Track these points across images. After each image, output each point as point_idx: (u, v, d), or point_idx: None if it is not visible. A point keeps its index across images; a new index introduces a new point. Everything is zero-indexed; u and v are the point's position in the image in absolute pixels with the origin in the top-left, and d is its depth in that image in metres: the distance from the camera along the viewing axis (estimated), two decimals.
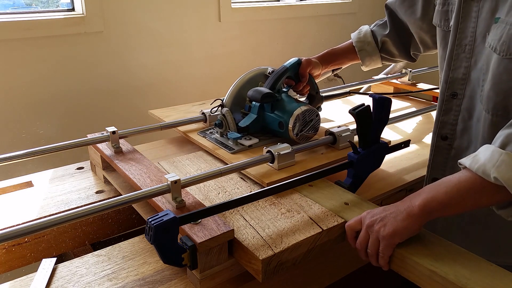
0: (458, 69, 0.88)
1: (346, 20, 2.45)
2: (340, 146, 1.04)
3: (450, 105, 0.91)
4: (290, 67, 1.11)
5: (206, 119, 1.19)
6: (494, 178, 0.65)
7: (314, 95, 1.18)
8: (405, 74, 1.70)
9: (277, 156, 0.93)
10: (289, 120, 1.02)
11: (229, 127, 1.08)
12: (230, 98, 1.13)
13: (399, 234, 0.71)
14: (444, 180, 0.72)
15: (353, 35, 1.24)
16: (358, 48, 1.22)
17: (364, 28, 1.24)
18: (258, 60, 2.14)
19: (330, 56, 1.23)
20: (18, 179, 1.08)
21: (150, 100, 1.86)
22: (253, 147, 1.05)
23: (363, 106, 0.87)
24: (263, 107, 1.08)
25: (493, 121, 0.81)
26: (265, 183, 0.89)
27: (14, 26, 1.50)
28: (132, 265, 0.78)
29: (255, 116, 1.08)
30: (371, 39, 1.21)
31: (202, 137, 1.13)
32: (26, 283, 0.74)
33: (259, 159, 0.93)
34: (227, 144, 1.06)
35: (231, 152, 1.03)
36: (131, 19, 1.74)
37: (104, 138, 1.04)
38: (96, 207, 0.72)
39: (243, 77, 1.15)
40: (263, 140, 1.08)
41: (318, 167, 0.96)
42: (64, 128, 1.68)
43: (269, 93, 1.04)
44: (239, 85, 1.14)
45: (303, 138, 1.05)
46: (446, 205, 0.70)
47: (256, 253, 0.69)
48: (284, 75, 1.10)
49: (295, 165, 0.96)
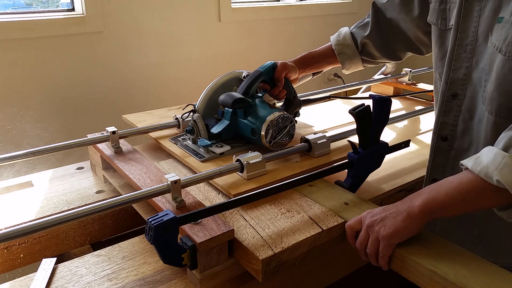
0: (459, 69, 0.87)
1: (346, 20, 2.43)
2: (315, 154, 1.00)
3: (451, 106, 0.90)
4: (264, 71, 1.06)
5: (179, 125, 1.13)
6: (497, 181, 0.65)
7: (292, 99, 1.14)
8: (405, 74, 1.70)
9: (246, 165, 0.89)
10: (261, 127, 0.97)
11: (200, 134, 1.02)
12: (203, 103, 1.07)
13: (399, 234, 0.71)
14: (445, 181, 0.72)
15: (332, 37, 1.20)
16: (337, 51, 1.17)
17: (344, 30, 1.20)
18: (258, 60, 2.13)
19: (308, 60, 1.18)
20: (18, 179, 1.08)
21: (150, 100, 1.87)
22: (225, 155, 1.00)
23: (363, 106, 0.87)
24: (236, 113, 1.03)
25: (497, 122, 0.80)
26: (232, 194, 0.85)
27: (14, 26, 1.50)
28: (132, 265, 0.78)
29: (227, 122, 1.03)
30: (350, 41, 1.17)
31: (174, 143, 1.07)
32: (26, 283, 0.74)
33: (227, 169, 0.88)
34: (198, 152, 1.01)
35: (201, 160, 0.98)
36: (131, 19, 1.75)
37: (104, 138, 1.04)
38: (96, 207, 0.72)
39: (217, 81, 1.10)
40: (236, 148, 1.03)
41: (290, 176, 0.91)
42: (64, 128, 1.68)
43: (240, 98, 0.99)
44: (212, 89, 1.09)
45: (277, 146, 1.00)
46: (447, 206, 0.70)
47: (256, 253, 0.69)
48: (258, 79, 1.06)
49: (266, 174, 0.92)
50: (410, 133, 1.35)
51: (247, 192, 0.81)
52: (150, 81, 1.86)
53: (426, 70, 1.76)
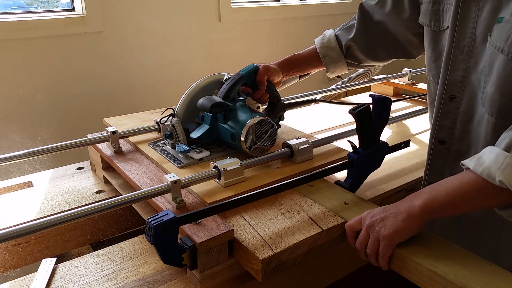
0: (456, 71, 0.86)
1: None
2: (297, 160, 0.96)
3: (448, 108, 0.89)
4: (245, 74, 1.02)
5: (160, 129, 1.09)
6: (500, 181, 0.65)
7: (275, 103, 1.09)
8: (405, 74, 1.70)
9: (223, 172, 0.85)
10: (241, 132, 0.93)
11: (179, 139, 0.98)
12: (182, 107, 1.03)
13: (399, 234, 0.70)
14: (446, 181, 0.72)
15: (316, 40, 1.17)
16: (322, 54, 1.14)
17: (328, 32, 1.17)
18: (258, 60, 2.13)
19: (291, 63, 1.14)
20: (18, 179, 1.08)
21: (150, 100, 1.87)
22: (204, 161, 0.96)
23: (363, 106, 0.87)
24: (216, 117, 0.99)
25: (498, 123, 0.79)
26: (207, 202, 0.81)
27: (14, 26, 1.50)
28: (132, 265, 0.78)
29: (207, 126, 0.99)
30: (335, 44, 1.14)
31: (152, 148, 1.03)
32: (26, 283, 0.74)
33: (204, 176, 0.84)
34: (177, 157, 0.97)
35: (178, 166, 0.94)
36: (131, 19, 1.75)
37: (104, 138, 1.04)
38: (96, 207, 0.72)
39: (197, 84, 1.05)
40: (216, 153, 1.00)
41: (270, 183, 0.87)
42: (64, 128, 1.68)
43: (219, 102, 0.95)
44: (192, 93, 1.04)
45: (258, 151, 0.96)
46: (447, 206, 0.70)
47: (256, 253, 0.69)
48: (239, 83, 1.02)
49: (245, 181, 0.88)
50: (410, 133, 1.35)
51: (223, 200, 0.79)
52: (150, 81, 1.86)
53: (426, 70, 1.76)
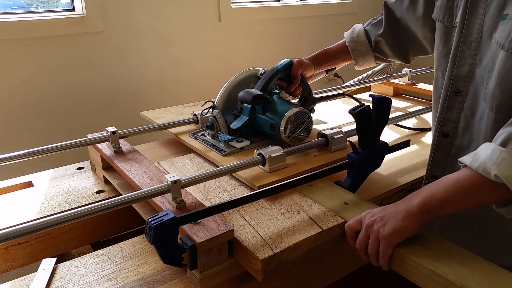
0: (462, 66, 0.87)
1: (346, 20, 2.45)
2: (332, 149, 1.02)
3: (453, 102, 0.90)
4: (281, 69, 1.09)
5: (198, 121, 1.18)
6: (495, 175, 0.65)
7: (307, 96, 1.17)
8: (405, 74, 1.70)
9: (268, 159, 0.91)
10: (280, 122, 1.00)
11: (220, 129, 1.06)
12: (221, 100, 1.11)
13: (399, 234, 0.71)
14: (444, 179, 0.72)
15: (346, 34, 1.22)
16: (351, 48, 1.19)
17: (358, 27, 1.21)
18: (258, 60, 2.14)
19: (323, 57, 1.20)
20: (18, 179, 1.08)
21: (150, 100, 1.87)
22: (245, 149, 1.03)
23: (363, 106, 0.87)
24: (255, 109, 1.06)
25: (497, 119, 0.80)
26: (256, 186, 0.88)
27: (14, 26, 1.50)
28: (132, 265, 0.78)
29: (246, 118, 1.06)
30: (364, 38, 1.18)
31: (194, 139, 1.11)
32: (26, 283, 0.74)
33: (250, 162, 0.91)
34: (219, 146, 1.04)
35: (222, 154, 1.01)
36: (131, 19, 1.75)
37: (104, 138, 1.04)
38: (96, 207, 0.72)
39: (235, 78, 1.14)
40: (254, 142, 1.06)
41: (309, 169, 0.93)
42: (64, 128, 1.68)
43: (260, 94, 1.03)
44: (230, 86, 1.12)
45: (295, 141, 1.04)
46: (446, 204, 0.70)
47: (256, 253, 0.69)
48: (275, 77, 1.08)
49: (287, 168, 0.94)
50: (410, 133, 1.35)
51: (270, 184, 0.84)
52: (150, 81, 1.86)
53: (426, 70, 1.76)
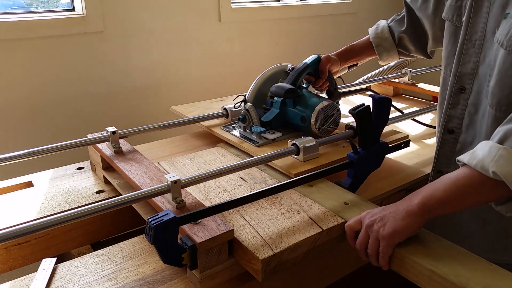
0: (467, 63, 0.88)
1: (346, 20, 2.45)
2: None
3: (458, 99, 0.92)
4: (310, 64, 1.15)
5: (228, 115, 1.23)
6: (493, 172, 0.66)
7: (333, 91, 1.22)
8: (405, 74, 1.70)
9: (302, 149, 0.96)
10: (311, 115, 1.06)
11: (253, 122, 1.12)
12: (252, 94, 1.18)
13: (399, 234, 0.71)
14: (443, 178, 0.73)
15: (370, 30, 1.26)
16: (376, 44, 1.23)
17: (382, 23, 1.25)
18: (258, 60, 2.14)
19: (349, 53, 1.25)
20: (18, 179, 1.08)
21: (150, 100, 1.86)
22: (276, 141, 1.09)
23: (363, 106, 0.87)
24: (285, 102, 1.12)
25: (496, 116, 0.81)
26: (292, 174, 0.93)
27: (14, 26, 1.50)
28: (132, 265, 0.78)
29: (277, 111, 1.12)
30: (388, 35, 1.22)
31: (226, 131, 1.17)
32: (26, 283, 0.74)
33: (285, 152, 0.96)
34: (251, 138, 1.10)
35: (255, 145, 1.07)
36: (131, 19, 1.74)
37: (104, 138, 1.04)
38: (96, 207, 0.72)
39: (264, 73, 1.20)
40: (285, 134, 1.11)
41: (341, 159, 0.98)
42: (64, 128, 1.68)
43: (292, 88, 1.08)
44: (260, 81, 1.19)
45: (324, 132, 1.09)
46: (445, 203, 0.70)
47: (256, 253, 0.69)
48: (305, 72, 1.14)
49: (319, 157, 0.99)
50: (410, 133, 1.35)
51: (305, 172, 0.90)
52: (150, 81, 1.86)
53: (426, 70, 1.76)
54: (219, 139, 1.19)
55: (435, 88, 1.62)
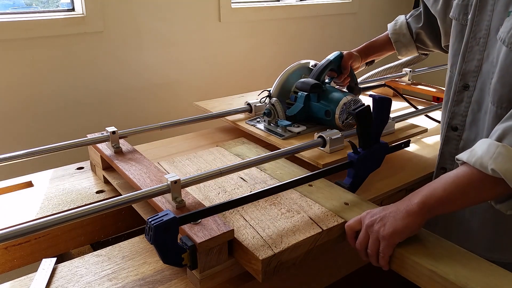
0: (471, 61, 0.89)
1: (346, 20, 2.44)
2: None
3: (462, 96, 0.92)
4: (333, 60, 1.20)
5: (251, 110, 1.28)
6: (492, 170, 0.66)
7: (353, 86, 1.27)
8: (405, 74, 1.70)
9: (328, 141, 1.01)
10: (335, 109, 1.10)
11: (278, 116, 1.16)
12: (277, 89, 1.23)
13: (399, 234, 0.71)
14: (443, 177, 0.73)
15: (389, 26, 1.29)
16: (394, 40, 1.26)
17: (400, 18, 1.27)
18: (258, 60, 2.14)
19: (369, 49, 1.28)
20: (18, 179, 1.08)
21: (150, 100, 1.86)
22: (301, 134, 1.13)
23: (363, 106, 0.87)
24: (309, 97, 1.16)
25: (497, 113, 0.82)
26: (320, 164, 0.97)
27: (14, 26, 1.50)
28: (132, 265, 0.78)
29: (301, 105, 1.16)
30: (406, 30, 1.24)
31: (251, 125, 1.22)
32: (26, 283, 0.74)
33: (312, 144, 1.00)
34: (276, 132, 1.15)
35: (281, 138, 1.11)
36: (131, 19, 1.74)
37: (104, 138, 1.04)
38: (96, 207, 0.72)
39: (288, 70, 1.25)
40: (308, 128, 1.16)
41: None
42: (64, 128, 1.68)
43: (317, 83, 1.13)
44: (284, 77, 1.24)
45: (348, 126, 1.12)
46: (445, 202, 0.70)
47: (256, 253, 0.69)
48: (328, 68, 1.19)
49: (344, 149, 1.03)
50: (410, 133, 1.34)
51: (333, 163, 0.94)
52: (150, 81, 1.86)
53: (426, 70, 1.76)
54: (219, 140, 1.19)
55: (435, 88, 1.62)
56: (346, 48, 1.30)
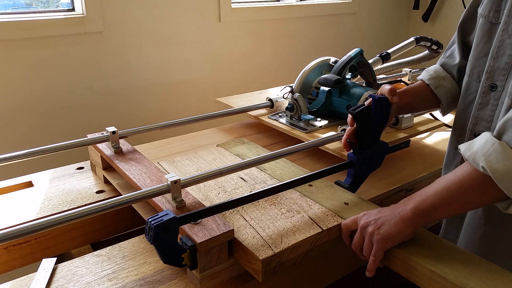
0: (501, 57, 0.81)
1: (346, 20, 2.45)
2: (402, 127, 1.16)
3: (487, 99, 0.83)
4: (354, 56, 1.25)
5: (272, 105, 1.33)
6: (482, 167, 0.63)
7: (372, 82, 1.31)
8: (405, 74, 1.70)
9: None
10: (357, 103, 1.12)
11: (301, 110, 1.21)
12: (299, 85, 1.28)
13: (392, 239, 0.70)
14: (436, 181, 0.72)
15: (420, 77, 1.04)
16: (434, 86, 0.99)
17: (431, 67, 1.03)
18: (258, 60, 2.14)
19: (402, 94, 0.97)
20: (18, 179, 1.08)
21: (150, 100, 1.86)
22: (323, 128, 1.18)
23: (363, 106, 0.87)
24: (331, 92, 1.21)
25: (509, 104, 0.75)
26: (345, 156, 0.97)
27: (14, 26, 1.50)
28: (132, 265, 0.78)
29: (323, 100, 1.22)
30: (445, 73, 1.00)
31: (274, 120, 1.27)
32: (26, 283, 0.74)
33: (335, 136, 1.03)
34: (299, 126, 1.19)
35: (305, 132, 1.16)
36: (131, 19, 1.74)
37: (104, 138, 1.04)
38: (96, 207, 0.72)
39: (309, 66, 1.30)
40: (330, 122, 1.21)
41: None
42: (64, 128, 1.68)
43: (340, 79, 1.17)
44: (305, 73, 1.29)
45: None
46: (437, 207, 0.69)
47: (256, 253, 0.69)
48: (349, 64, 1.24)
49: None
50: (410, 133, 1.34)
51: None
52: (150, 81, 1.86)
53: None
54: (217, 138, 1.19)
55: None
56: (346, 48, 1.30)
